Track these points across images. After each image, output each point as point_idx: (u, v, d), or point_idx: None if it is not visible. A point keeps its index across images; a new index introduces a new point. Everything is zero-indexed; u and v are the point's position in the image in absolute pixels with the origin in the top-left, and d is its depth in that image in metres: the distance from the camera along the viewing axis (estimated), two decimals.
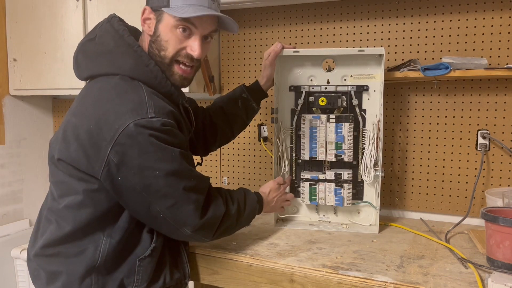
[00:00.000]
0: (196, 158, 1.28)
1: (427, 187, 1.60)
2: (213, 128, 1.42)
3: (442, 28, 1.53)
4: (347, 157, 1.43)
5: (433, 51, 1.55)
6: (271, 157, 1.78)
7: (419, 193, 1.61)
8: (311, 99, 1.46)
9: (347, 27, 1.67)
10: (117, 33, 1.09)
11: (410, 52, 1.58)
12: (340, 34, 1.68)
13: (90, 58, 1.11)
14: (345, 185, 1.43)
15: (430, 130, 1.58)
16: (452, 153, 1.56)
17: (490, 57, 1.47)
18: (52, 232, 1.05)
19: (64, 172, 1.05)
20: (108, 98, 1.02)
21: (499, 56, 1.47)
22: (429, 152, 1.59)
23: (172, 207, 1.02)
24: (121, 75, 1.06)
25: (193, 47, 1.10)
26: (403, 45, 1.59)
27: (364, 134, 1.44)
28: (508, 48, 1.46)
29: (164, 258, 1.13)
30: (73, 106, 1.09)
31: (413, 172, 1.61)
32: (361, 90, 1.43)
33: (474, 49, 1.50)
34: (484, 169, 1.51)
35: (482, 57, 1.46)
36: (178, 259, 1.18)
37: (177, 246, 1.18)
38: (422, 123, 1.59)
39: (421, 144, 1.60)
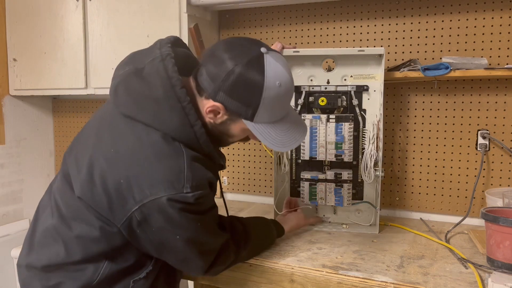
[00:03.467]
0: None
1: (427, 187, 1.60)
2: None
3: (442, 28, 1.53)
4: (347, 157, 1.43)
5: (433, 51, 1.55)
6: (271, 157, 1.78)
7: (419, 193, 1.61)
8: (311, 99, 1.46)
9: (347, 27, 1.67)
10: (169, 81, 0.96)
11: (410, 52, 1.58)
12: (340, 34, 1.68)
13: (133, 98, 1.00)
14: (345, 185, 1.43)
15: (430, 130, 1.58)
16: (452, 153, 1.56)
17: (490, 57, 1.47)
18: (59, 256, 1.02)
19: (80, 202, 1.01)
20: (145, 157, 0.95)
21: (499, 56, 1.47)
22: (429, 152, 1.59)
23: (182, 262, 1.04)
24: (163, 133, 0.97)
25: (253, 138, 1.06)
26: (403, 45, 1.59)
27: (364, 134, 1.44)
28: (508, 48, 1.46)
29: (158, 282, 1.10)
30: (102, 141, 1.00)
31: (413, 172, 1.61)
32: (361, 90, 1.43)
33: (474, 49, 1.50)
34: (484, 169, 1.51)
35: (482, 57, 1.46)
36: (172, 278, 1.16)
37: (173, 271, 1.16)
38: (422, 123, 1.59)
39: (421, 144, 1.59)
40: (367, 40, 1.64)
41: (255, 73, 0.94)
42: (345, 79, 1.45)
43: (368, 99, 1.44)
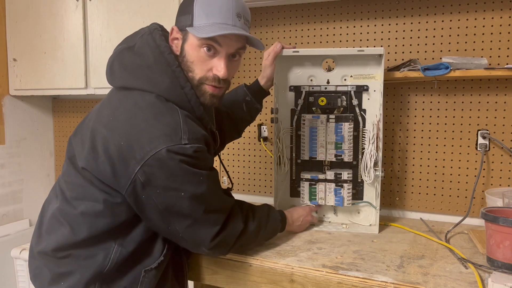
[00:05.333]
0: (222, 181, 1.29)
1: (427, 187, 1.60)
2: (222, 134, 1.42)
3: (442, 28, 1.53)
4: (347, 157, 1.43)
5: (433, 51, 1.55)
6: (271, 157, 1.78)
7: (419, 193, 1.61)
8: (311, 99, 1.46)
9: (347, 27, 1.67)
10: (158, 49, 1.06)
11: (410, 52, 1.58)
12: (340, 34, 1.68)
13: (127, 69, 1.07)
14: (345, 185, 1.43)
15: (430, 130, 1.58)
16: (452, 153, 1.56)
17: (490, 57, 1.47)
18: (65, 236, 1.03)
19: (84, 178, 1.04)
20: (143, 117, 1.00)
21: (499, 56, 1.47)
22: (429, 152, 1.59)
23: (190, 227, 1.03)
24: (157, 94, 1.04)
25: (218, 67, 1.07)
26: (403, 45, 1.59)
27: (364, 134, 1.44)
28: (508, 48, 1.46)
29: (167, 271, 1.13)
30: (102, 114, 1.06)
31: (413, 172, 1.61)
32: (361, 90, 1.43)
33: (474, 49, 1.50)
34: (484, 169, 1.51)
35: (482, 57, 1.46)
36: (180, 273, 1.19)
37: (180, 259, 1.19)
38: (422, 123, 1.59)
39: (421, 144, 1.60)
40: (367, 40, 1.64)
41: None
42: (345, 79, 1.45)
43: (368, 99, 1.44)
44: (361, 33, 1.65)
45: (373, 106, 1.43)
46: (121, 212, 1.03)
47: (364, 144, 1.43)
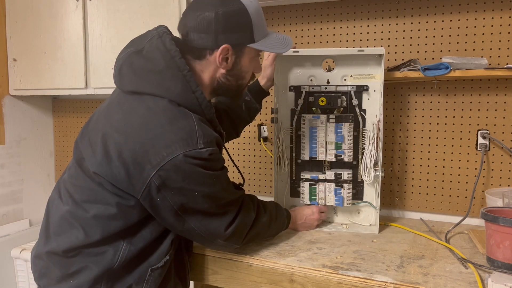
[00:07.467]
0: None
1: (427, 187, 1.60)
2: None
3: (442, 28, 1.53)
4: (347, 157, 1.43)
5: (433, 51, 1.55)
6: (271, 157, 1.78)
7: (419, 193, 1.61)
8: (311, 99, 1.46)
9: (347, 27, 1.67)
10: (169, 53, 1.05)
11: (410, 52, 1.58)
12: (340, 34, 1.68)
13: (136, 74, 1.06)
14: (345, 185, 1.43)
15: (430, 130, 1.58)
16: (452, 153, 1.56)
17: (490, 57, 1.47)
18: (78, 239, 1.04)
19: (93, 181, 1.04)
20: (158, 123, 1.00)
21: (499, 56, 1.47)
22: (429, 152, 1.59)
23: (204, 221, 1.06)
24: (169, 99, 1.04)
25: (258, 68, 1.20)
26: (403, 45, 1.59)
27: (364, 134, 1.44)
28: (508, 48, 1.46)
29: (170, 270, 1.14)
30: (113, 119, 1.05)
31: (413, 172, 1.61)
32: (361, 90, 1.43)
33: (474, 49, 1.50)
34: (484, 169, 1.51)
35: (482, 57, 1.46)
36: (182, 271, 1.20)
37: (182, 258, 1.20)
38: (422, 123, 1.59)
39: (421, 144, 1.60)
40: (367, 40, 1.64)
41: (233, 3, 1.07)
42: (345, 79, 1.45)
43: (368, 99, 1.44)
44: (361, 33, 1.65)
45: (373, 106, 1.43)
46: (133, 214, 1.04)
47: (364, 144, 1.43)
